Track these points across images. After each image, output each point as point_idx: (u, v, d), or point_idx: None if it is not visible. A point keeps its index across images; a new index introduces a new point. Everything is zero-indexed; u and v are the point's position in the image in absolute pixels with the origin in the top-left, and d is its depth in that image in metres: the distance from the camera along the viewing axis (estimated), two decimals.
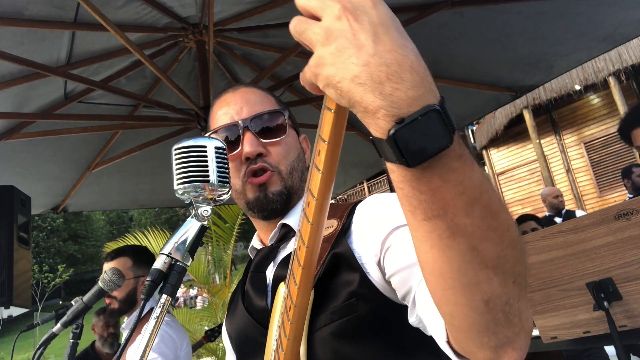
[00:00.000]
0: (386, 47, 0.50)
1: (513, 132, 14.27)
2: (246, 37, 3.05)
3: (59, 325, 1.54)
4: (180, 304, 20.85)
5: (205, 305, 15.88)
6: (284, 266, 0.96)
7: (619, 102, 11.46)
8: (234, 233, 7.56)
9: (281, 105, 1.13)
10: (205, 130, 2.90)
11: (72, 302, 1.61)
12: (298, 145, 1.11)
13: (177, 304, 19.86)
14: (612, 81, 11.57)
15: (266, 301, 0.96)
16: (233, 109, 1.06)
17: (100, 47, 2.86)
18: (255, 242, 1.13)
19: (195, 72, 3.28)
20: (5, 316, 2.65)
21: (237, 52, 3.25)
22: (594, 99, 12.91)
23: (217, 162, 0.84)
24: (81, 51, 2.82)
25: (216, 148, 0.85)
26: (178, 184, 0.83)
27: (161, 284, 0.78)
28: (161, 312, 0.76)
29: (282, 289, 0.88)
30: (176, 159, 0.84)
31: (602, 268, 1.80)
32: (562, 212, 5.20)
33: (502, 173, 15.01)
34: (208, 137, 0.87)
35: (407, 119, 0.48)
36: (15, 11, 2.33)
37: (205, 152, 0.84)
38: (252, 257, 1.12)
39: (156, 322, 0.75)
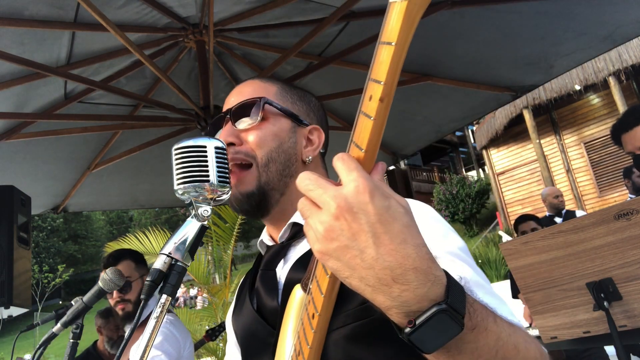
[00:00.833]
0: (387, 249, 0.53)
1: (513, 132, 14.27)
2: (246, 37, 3.05)
3: (59, 325, 1.54)
4: (180, 304, 20.85)
5: (205, 305, 15.87)
6: (299, 267, 0.93)
7: (619, 102, 11.46)
8: (234, 233, 7.55)
9: (287, 94, 1.09)
10: (205, 130, 2.91)
11: (72, 302, 1.61)
12: (285, 135, 1.03)
13: (177, 304, 19.86)
14: (612, 81, 11.57)
15: (277, 301, 0.94)
16: (228, 102, 1.09)
17: (100, 47, 2.86)
18: (265, 237, 1.10)
19: (195, 72, 3.28)
20: (5, 316, 2.65)
21: (237, 52, 3.25)
22: (594, 99, 12.91)
23: (217, 162, 0.84)
24: (81, 51, 2.82)
25: (216, 148, 0.85)
26: (178, 184, 0.83)
27: (161, 284, 0.78)
28: (161, 311, 0.76)
29: (297, 291, 0.85)
30: (176, 159, 0.84)
31: (602, 268, 1.79)
32: (562, 212, 5.20)
33: (502, 173, 15.01)
34: (206, 133, 0.86)
35: (417, 322, 0.54)
36: (15, 11, 2.32)
37: (205, 152, 0.84)
38: (262, 252, 1.10)
39: (156, 321, 0.75)
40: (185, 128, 3.24)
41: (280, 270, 1.01)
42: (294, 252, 1.00)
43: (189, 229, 0.83)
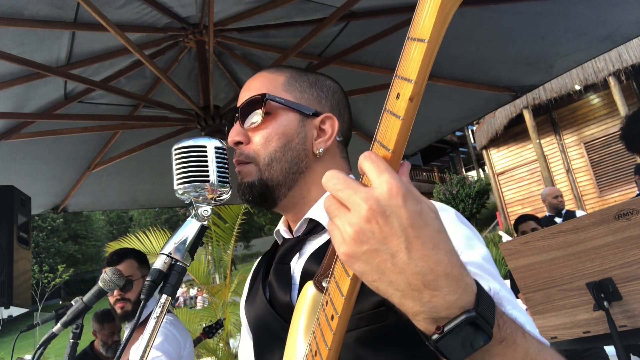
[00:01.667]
0: (419, 254, 0.52)
1: (513, 132, 14.27)
2: (246, 37, 3.05)
3: (59, 325, 1.54)
4: (180, 304, 20.85)
5: (205, 305, 15.87)
6: (314, 261, 0.92)
7: (619, 102, 11.46)
8: (234, 233, 7.55)
9: (295, 83, 1.05)
10: (205, 130, 2.91)
11: (72, 302, 1.61)
12: (293, 132, 1.00)
13: (177, 304, 19.86)
14: (612, 81, 11.57)
15: (290, 295, 0.94)
16: (240, 98, 1.07)
17: (100, 47, 2.86)
18: (281, 228, 1.09)
19: (195, 72, 3.28)
20: (5, 316, 2.65)
21: (237, 52, 3.25)
22: (594, 99, 12.91)
23: (217, 162, 0.84)
24: (81, 51, 2.82)
25: (216, 148, 0.85)
26: (178, 184, 0.83)
27: (161, 284, 0.79)
28: (161, 311, 0.76)
29: (309, 288, 0.83)
30: (176, 159, 0.84)
31: (602, 268, 1.79)
32: (562, 212, 5.20)
33: (502, 173, 15.01)
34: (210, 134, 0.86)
35: (446, 329, 0.52)
36: (15, 11, 2.32)
37: (205, 152, 0.84)
38: (278, 242, 1.09)
39: (156, 321, 0.75)
40: (185, 128, 3.24)
41: (295, 264, 1.00)
42: (309, 247, 1.00)
43: (189, 229, 0.83)
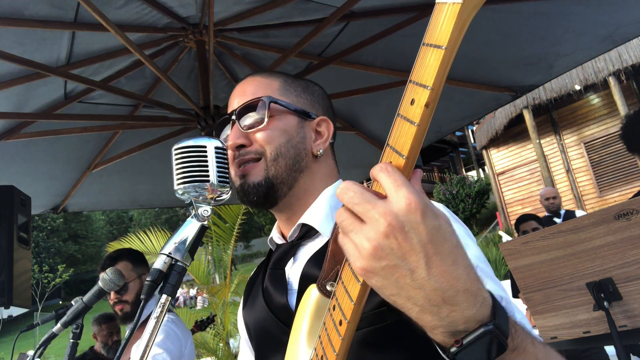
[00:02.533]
0: (438, 270, 0.52)
1: (513, 132, 14.27)
2: (246, 37, 3.05)
3: (59, 325, 1.54)
4: (180, 304, 20.86)
5: (205, 305, 15.88)
6: (313, 265, 0.93)
7: (619, 102, 11.46)
8: (234, 233, 7.55)
9: (290, 88, 1.09)
10: (205, 130, 2.91)
11: (72, 302, 1.61)
12: (293, 131, 1.04)
13: (177, 304, 19.87)
14: (612, 81, 11.57)
15: (287, 298, 0.95)
16: (231, 102, 1.09)
17: (100, 47, 2.86)
18: (275, 235, 1.10)
19: (195, 72, 3.28)
20: (5, 316, 2.65)
21: (237, 52, 3.25)
22: (594, 99, 12.91)
23: (217, 162, 0.84)
24: (81, 51, 2.82)
25: (216, 148, 0.85)
26: (178, 184, 0.83)
27: (161, 284, 0.78)
28: (161, 311, 0.76)
29: (313, 291, 0.82)
30: (176, 159, 0.84)
31: (602, 268, 1.79)
32: (561, 212, 5.18)
33: (502, 173, 15.01)
34: (210, 133, 0.86)
35: (465, 343, 0.54)
36: (15, 11, 2.32)
37: (205, 152, 0.84)
38: (272, 249, 1.11)
39: (156, 321, 0.75)
40: (185, 128, 3.24)
41: (289, 269, 1.01)
42: (303, 251, 1.01)
43: (189, 229, 0.83)
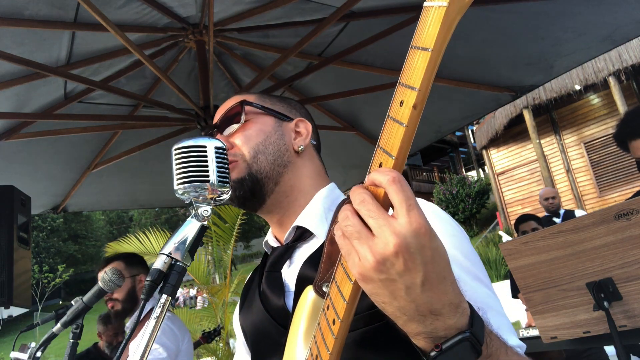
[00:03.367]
0: (431, 286, 0.57)
1: (513, 132, 14.27)
2: (246, 37, 3.05)
3: (59, 325, 1.54)
4: (180, 304, 20.86)
5: (205, 306, 15.89)
6: (309, 267, 0.94)
7: (619, 102, 11.46)
8: (234, 233, 7.55)
9: (265, 98, 1.15)
10: (205, 130, 2.91)
11: (72, 302, 1.61)
12: (270, 130, 1.09)
13: (177, 304, 19.87)
14: (612, 81, 11.57)
15: (284, 301, 0.96)
16: (215, 120, 1.17)
17: (100, 47, 2.86)
18: (270, 238, 1.12)
19: (195, 72, 3.28)
20: (5, 316, 2.65)
21: (237, 52, 3.25)
22: (594, 99, 12.91)
23: (217, 162, 0.84)
24: (81, 51, 2.82)
25: (216, 148, 0.85)
26: (178, 184, 0.83)
27: (161, 284, 0.78)
28: (161, 312, 0.76)
29: (309, 293, 0.83)
30: (176, 159, 0.84)
31: (602, 268, 1.79)
32: (561, 212, 5.17)
33: (502, 173, 15.01)
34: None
35: (444, 347, 0.59)
36: (15, 11, 2.33)
37: (205, 152, 0.84)
38: (268, 252, 1.12)
39: (156, 322, 0.75)
40: (185, 128, 3.24)
41: (286, 271, 1.02)
42: (299, 254, 1.02)
43: (189, 229, 0.83)
